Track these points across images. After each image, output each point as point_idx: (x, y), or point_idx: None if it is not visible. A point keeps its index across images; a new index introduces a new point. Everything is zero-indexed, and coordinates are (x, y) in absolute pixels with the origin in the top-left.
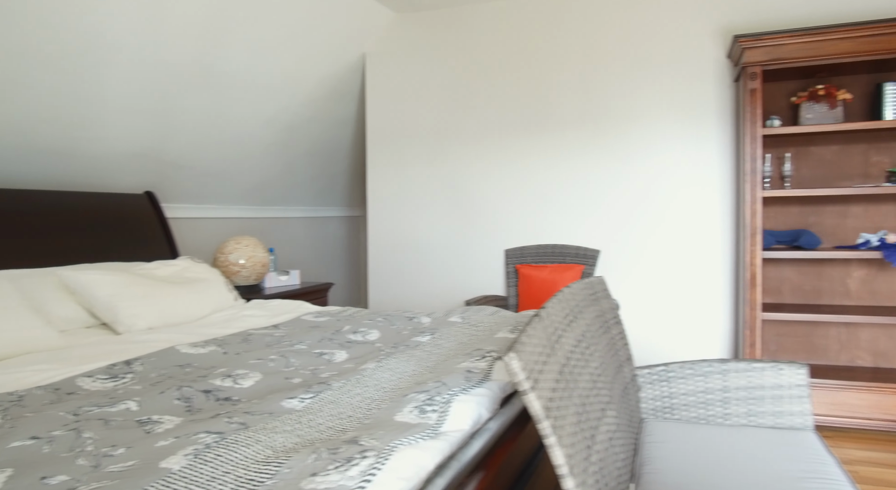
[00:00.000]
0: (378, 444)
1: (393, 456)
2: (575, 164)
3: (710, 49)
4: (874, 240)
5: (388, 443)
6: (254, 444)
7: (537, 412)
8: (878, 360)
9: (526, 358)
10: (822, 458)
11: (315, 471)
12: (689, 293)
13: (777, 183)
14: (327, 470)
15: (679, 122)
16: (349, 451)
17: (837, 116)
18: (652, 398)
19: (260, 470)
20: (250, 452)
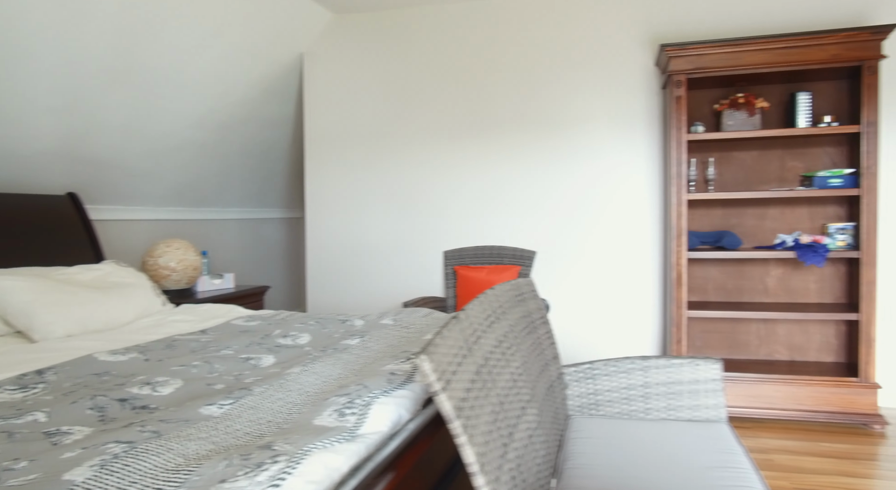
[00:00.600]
0: (291, 449)
1: (305, 460)
2: (513, 166)
3: (639, 57)
4: (789, 240)
5: (301, 447)
6: (165, 453)
7: (448, 412)
8: (794, 354)
9: (439, 359)
10: (732, 448)
11: (224, 477)
12: (621, 292)
13: (702, 186)
14: (236, 476)
15: (611, 127)
16: (261, 457)
17: (756, 123)
18: (578, 395)
19: (169, 479)
20: (160, 461)
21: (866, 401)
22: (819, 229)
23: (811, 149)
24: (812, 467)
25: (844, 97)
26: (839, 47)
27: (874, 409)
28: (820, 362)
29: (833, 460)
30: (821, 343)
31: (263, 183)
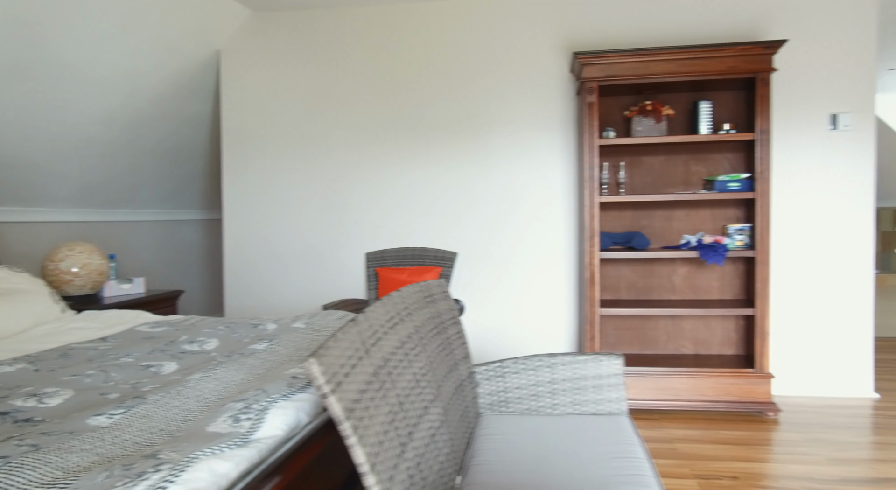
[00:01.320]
0: (177, 457)
1: (190, 467)
2: (435, 168)
3: (556, 64)
4: (693, 241)
5: (188, 454)
6: (42, 466)
7: (337, 414)
8: (699, 348)
9: (330, 362)
10: (630, 439)
11: (102, 489)
12: (539, 292)
13: (614, 189)
14: (115, 487)
15: (530, 131)
16: (143, 466)
17: (662, 130)
18: (489, 393)
19: None
20: (36, 475)
21: (761, 390)
22: (720, 230)
23: (713, 154)
24: (711, 454)
25: (742, 106)
26: (736, 60)
27: (768, 397)
28: (722, 355)
29: (730, 447)
30: (722, 337)
31: (180, 183)
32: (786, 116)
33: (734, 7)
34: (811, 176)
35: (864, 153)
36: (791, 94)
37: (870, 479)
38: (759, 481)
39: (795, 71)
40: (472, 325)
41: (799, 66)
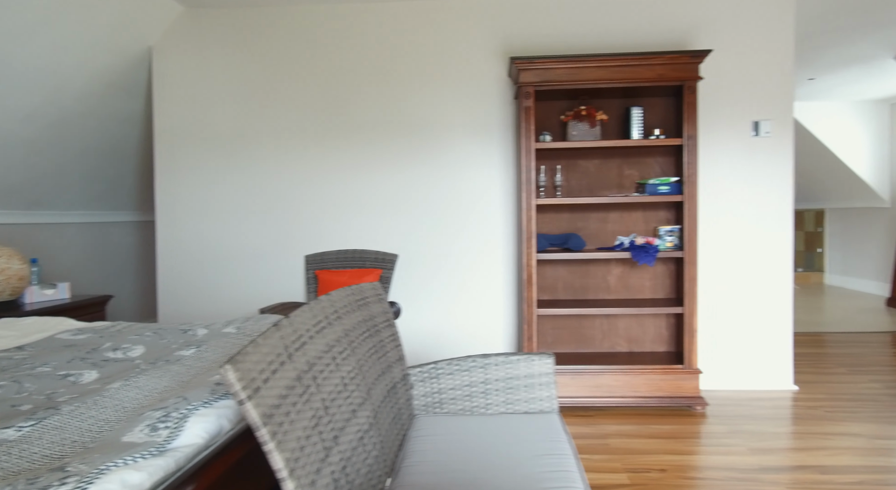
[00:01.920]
0: (86, 469)
1: (100, 479)
2: (376, 170)
3: (495, 68)
4: (626, 242)
5: (98, 466)
6: None
7: (254, 420)
8: (632, 346)
9: (248, 368)
10: (558, 436)
11: None
12: (479, 293)
13: (551, 192)
14: None
15: (470, 134)
16: (49, 480)
17: (596, 134)
18: (423, 395)
19: None
20: None
21: (690, 385)
22: (652, 231)
23: (645, 158)
24: (642, 448)
25: (671, 113)
26: (664, 68)
27: (696, 392)
28: (654, 352)
29: (660, 440)
30: (655, 335)
31: (111, 184)
32: (712, 123)
33: (665, 18)
34: (736, 180)
35: (783, 158)
36: (717, 101)
37: (787, 467)
38: (686, 473)
39: (721, 80)
40: (414, 327)
41: (724, 76)
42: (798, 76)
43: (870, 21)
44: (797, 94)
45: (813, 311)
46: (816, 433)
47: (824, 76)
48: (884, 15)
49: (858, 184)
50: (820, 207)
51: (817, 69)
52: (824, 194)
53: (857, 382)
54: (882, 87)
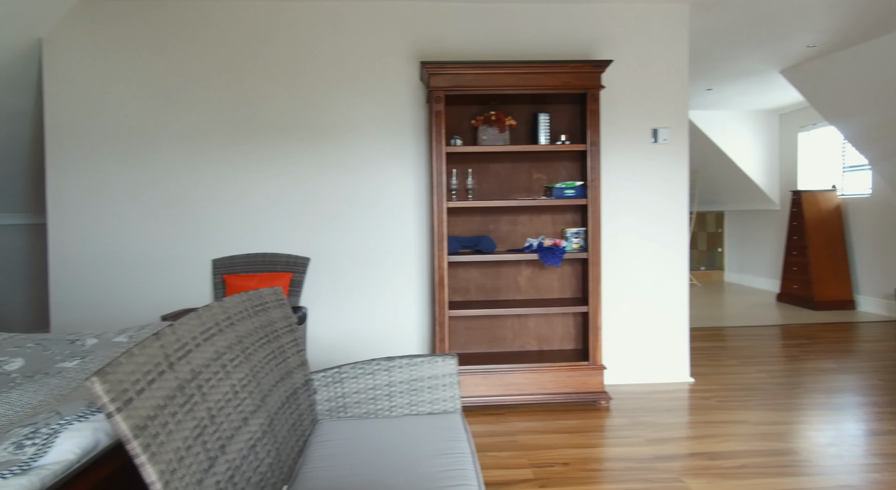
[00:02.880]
0: None
1: None
2: (288, 172)
3: (407, 72)
4: (535, 244)
5: None
6: None
7: (125, 433)
8: (542, 344)
9: (119, 379)
10: (458, 435)
11: None
12: (394, 295)
13: (463, 195)
14: None
15: (383, 137)
16: None
17: (506, 139)
18: (327, 400)
19: None
20: None
21: (595, 381)
22: (560, 233)
23: (553, 163)
24: (548, 443)
25: (577, 119)
26: (569, 76)
27: (601, 387)
28: (563, 350)
29: (566, 435)
30: (563, 333)
31: None
32: (616, 129)
33: (571, 28)
34: (637, 184)
35: (679, 164)
36: (620, 109)
37: (680, 455)
38: (587, 465)
39: (623, 90)
40: (328, 331)
41: (626, 86)
42: (697, 86)
43: (756, 37)
44: (698, 103)
45: (712, 307)
46: (708, 422)
47: (721, 87)
48: (768, 32)
49: (753, 188)
50: (720, 210)
51: (714, 80)
52: (724, 197)
53: (746, 373)
54: (771, 98)
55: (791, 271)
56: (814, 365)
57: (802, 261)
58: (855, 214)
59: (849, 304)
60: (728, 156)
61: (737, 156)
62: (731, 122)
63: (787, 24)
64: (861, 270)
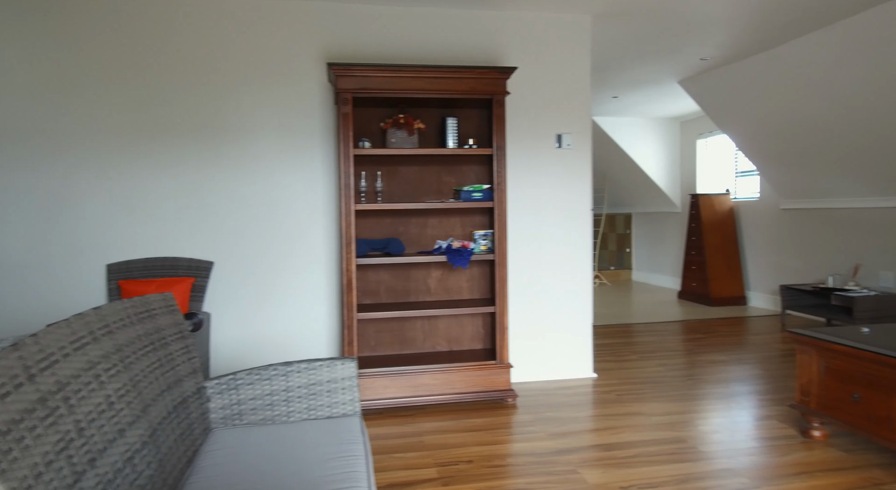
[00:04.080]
0: None
1: None
2: (188, 174)
3: (317, 73)
4: (444, 246)
5: None
6: None
7: None
8: (452, 345)
9: None
10: (354, 438)
11: None
12: (303, 299)
13: (372, 197)
14: None
15: (291, 138)
16: None
17: (415, 142)
18: (221, 407)
19: None
20: None
21: (502, 379)
22: (468, 236)
23: (462, 166)
24: (454, 442)
25: (485, 124)
26: (475, 81)
27: (508, 385)
28: (472, 350)
29: (472, 433)
30: (473, 333)
31: None
32: (522, 134)
33: (480, 35)
34: (543, 187)
35: (582, 168)
36: (526, 115)
37: (578, 448)
38: (490, 461)
39: (529, 96)
40: (234, 336)
41: (532, 92)
42: (604, 94)
43: (654, 49)
44: (605, 110)
45: (619, 305)
46: (606, 415)
47: (625, 95)
48: (665, 45)
49: (657, 191)
50: (629, 212)
51: (619, 88)
52: (632, 200)
53: (646, 367)
54: (672, 107)
55: (690, 270)
56: (707, 357)
57: (700, 260)
58: (746, 216)
59: (741, 300)
60: (634, 161)
61: (642, 161)
62: (636, 128)
63: (682, 39)
64: (751, 268)
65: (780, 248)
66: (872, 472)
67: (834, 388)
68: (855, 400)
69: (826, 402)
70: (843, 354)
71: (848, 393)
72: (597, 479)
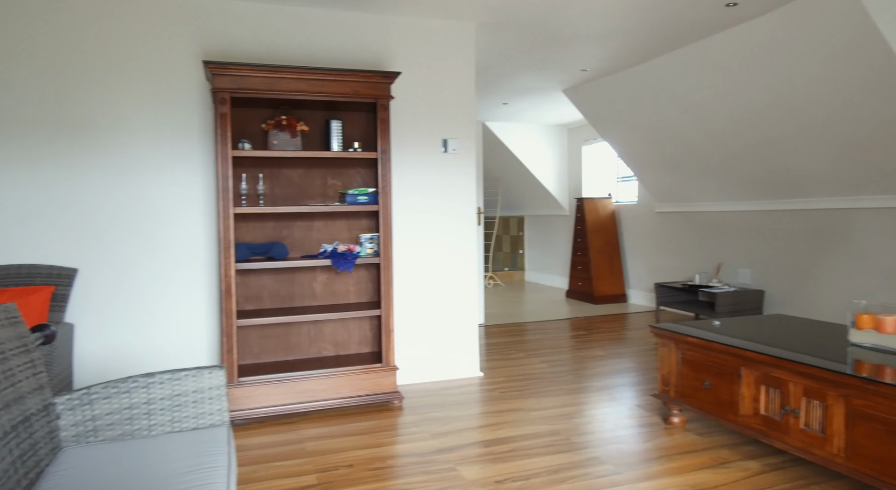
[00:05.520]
0: None
1: None
2: (51, 174)
3: (195, 72)
4: (330, 249)
5: None
6: None
7: None
8: (339, 349)
9: None
10: (218, 449)
11: None
12: (181, 306)
13: (254, 200)
14: None
15: (166, 139)
16: None
17: (298, 144)
18: (73, 425)
19: None
20: None
21: (388, 381)
22: (355, 239)
23: (348, 169)
24: (336, 447)
25: (371, 127)
26: (359, 85)
27: (394, 387)
28: (359, 353)
29: (356, 437)
30: (360, 337)
31: None
32: (408, 138)
33: (366, 39)
34: (430, 191)
35: (468, 173)
36: (413, 119)
37: (458, 446)
38: (371, 464)
39: (416, 100)
40: (103, 348)
41: (418, 97)
42: (494, 100)
43: (538, 59)
44: (496, 115)
45: (510, 305)
46: (488, 412)
47: (515, 101)
48: (548, 55)
49: (547, 195)
50: (522, 214)
51: (508, 95)
52: (524, 203)
53: (530, 364)
54: (559, 114)
55: (577, 270)
56: (587, 353)
57: (585, 260)
58: (626, 219)
59: (622, 298)
60: (525, 165)
61: (533, 165)
62: (527, 133)
63: (563, 50)
64: (631, 268)
65: (656, 249)
66: (720, 452)
67: (689, 378)
68: (706, 387)
69: (683, 391)
70: (696, 346)
71: (700, 381)
72: (474, 475)
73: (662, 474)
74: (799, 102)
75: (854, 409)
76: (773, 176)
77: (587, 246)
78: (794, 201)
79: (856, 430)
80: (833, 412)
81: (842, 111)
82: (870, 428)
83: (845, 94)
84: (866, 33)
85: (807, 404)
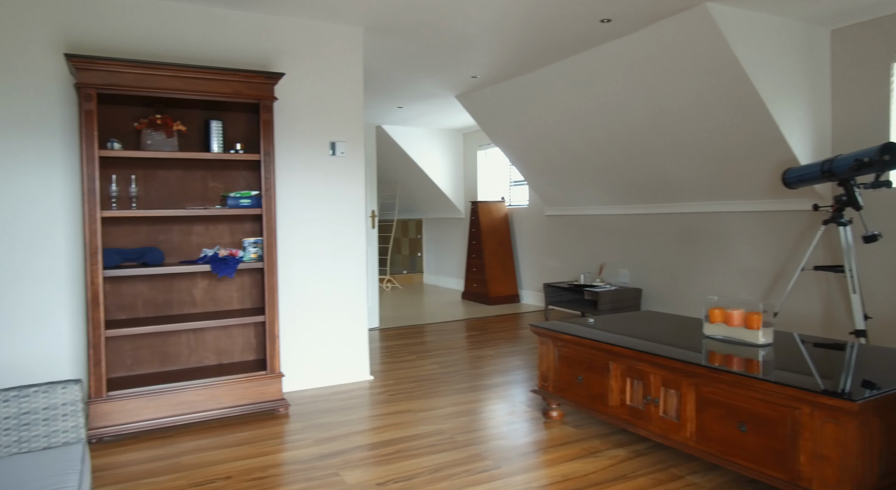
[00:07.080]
0: None
1: None
2: None
3: (58, 65)
4: (210, 254)
5: None
6: None
7: None
8: (222, 358)
9: None
10: (70, 468)
11: None
12: (39, 316)
13: (125, 203)
14: None
15: (21, 137)
16: None
17: (174, 145)
18: None
19: None
20: None
21: (273, 389)
22: (238, 243)
23: (229, 171)
24: (215, 459)
25: (255, 129)
26: (241, 85)
27: (279, 395)
28: (243, 361)
29: (237, 448)
30: (244, 344)
31: None
32: (295, 141)
33: (251, 38)
34: (317, 194)
35: (356, 176)
36: (299, 122)
37: (342, 451)
38: (251, 475)
39: (302, 103)
40: None
41: (305, 99)
42: (389, 104)
43: (428, 65)
44: (392, 119)
45: (406, 307)
46: (375, 415)
47: (409, 105)
48: (437, 61)
49: (443, 198)
50: (419, 217)
51: (402, 99)
52: (421, 206)
53: (421, 366)
54: (454, 119)
55: (472, 272)
56: (478, 353)
57: (479, 262)
58: (518, 222)
59: (515, 298)
60: (422, 169)
61: (429, 169)
62: (423, 138)
63: (454, 56)
64: (523, 269)
65: (545, 250)
66: (592, 442)
67: (565, 373)
68: (580, 382)
69: (560, 386)
70: (570, 343)
71: (575, 376)
72: (356, 479)
73: (538, 466)
74: (666, 114)
75: (703, 395)
76: (647, 181)
77: (482, 248)
78: (666, 205)
79: (704, 415)
80: (686, 400)
81: (703, 123)
82: (715, 412)
83: (705, 107)
84: (721, 53)
85: (665, 393)
